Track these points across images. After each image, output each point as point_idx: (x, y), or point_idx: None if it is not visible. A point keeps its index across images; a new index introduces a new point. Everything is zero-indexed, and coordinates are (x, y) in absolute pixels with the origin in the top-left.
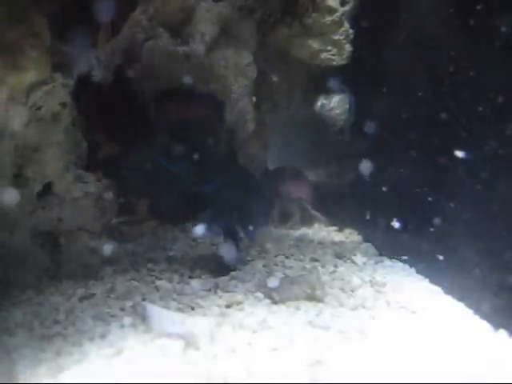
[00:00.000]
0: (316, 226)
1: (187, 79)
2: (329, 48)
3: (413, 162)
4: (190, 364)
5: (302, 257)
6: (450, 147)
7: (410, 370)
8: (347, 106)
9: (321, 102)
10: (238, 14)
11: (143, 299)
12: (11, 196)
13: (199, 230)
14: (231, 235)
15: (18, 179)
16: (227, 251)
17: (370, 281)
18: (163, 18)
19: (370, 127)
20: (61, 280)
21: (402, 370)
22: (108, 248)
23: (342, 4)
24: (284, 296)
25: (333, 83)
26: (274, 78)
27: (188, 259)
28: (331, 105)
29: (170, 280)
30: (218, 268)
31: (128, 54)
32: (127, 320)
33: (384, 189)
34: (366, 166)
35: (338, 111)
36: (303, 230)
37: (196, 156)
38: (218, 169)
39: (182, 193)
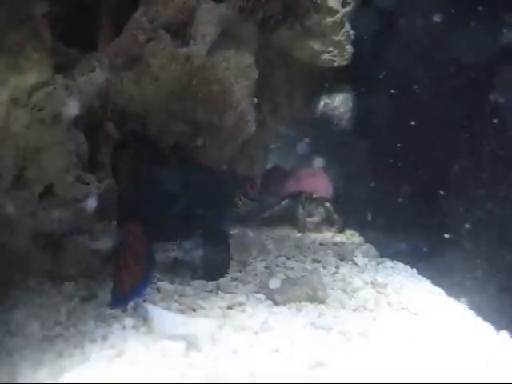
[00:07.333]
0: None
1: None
2: (330, 49)
3: (415, 162)
4: (191, 365)
5: (303, 258)
6: (452, 148)
7: (412, 370)
8: (351, 104)
9: (324, 101)
10: (239, 16)
11: (144, 300)
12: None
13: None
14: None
15: (19, 180)
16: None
17: (372, 282)
18: (164, 19)
19: (372, 127)
20: (62, 281)
21: (404, 371)
22: (109, 249)
23: (343, 5)
24: (285, 297)
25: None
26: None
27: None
28: (334, 104)
29: (171, 281)
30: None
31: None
32: (129, 321)
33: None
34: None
35: (341, 110)
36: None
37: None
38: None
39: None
